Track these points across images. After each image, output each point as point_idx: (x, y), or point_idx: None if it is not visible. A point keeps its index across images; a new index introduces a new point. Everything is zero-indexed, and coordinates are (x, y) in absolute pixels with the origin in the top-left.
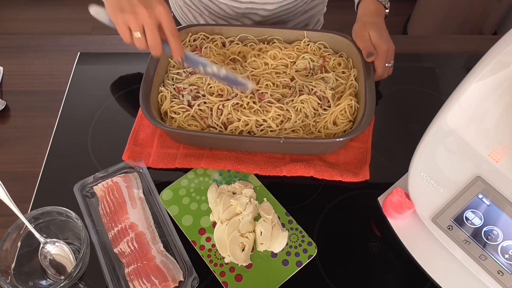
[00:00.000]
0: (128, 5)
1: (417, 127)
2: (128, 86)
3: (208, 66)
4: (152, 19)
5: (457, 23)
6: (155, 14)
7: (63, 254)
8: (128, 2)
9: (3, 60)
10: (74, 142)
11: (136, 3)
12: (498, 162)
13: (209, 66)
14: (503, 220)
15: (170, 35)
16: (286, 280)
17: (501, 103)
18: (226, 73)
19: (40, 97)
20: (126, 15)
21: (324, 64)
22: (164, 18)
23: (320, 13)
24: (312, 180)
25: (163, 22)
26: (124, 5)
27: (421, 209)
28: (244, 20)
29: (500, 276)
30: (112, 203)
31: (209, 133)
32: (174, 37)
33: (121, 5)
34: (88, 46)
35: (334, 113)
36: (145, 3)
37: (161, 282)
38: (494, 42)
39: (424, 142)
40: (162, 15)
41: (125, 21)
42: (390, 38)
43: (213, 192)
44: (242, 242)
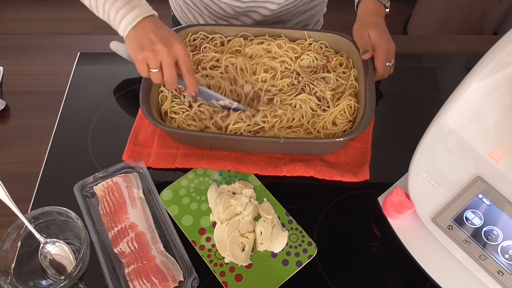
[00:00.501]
0: (148, 43)
1: (417, 127)
2: (128, 86)
3: (221, 100)
4: (170, 57)
5: (457, 23)
6: (173, 52)
7: (63, 254)
8: (149, 40)
9: (3, 60)
10: (74, 142)
11: (156, 41)
12: (498, 162)
13: (222, 100)
14: (503, 220)
15: (186, 72)
16: (286, 280)
17: (501, 103)
18: (237, 105)
19: (40, 97)
20: (146, 53)
21: (327, 64)
22: (181, 56)
23: (319, 13)
24: (312, 180)
25: (180, 60)
26: (144, 43)
27: (421, 209)
28: (244, 19)
29: (500, 276)
30: (112, 203)
31: (209, 133)
32: (190, 74)
33: (141, 43)
34: (88, 46)
35: (333, 114)
36: (164, 41)
37: (161, 282)
38: (494, 42)
39: (424, 142)
40: (180, 53)
41: (144, 58)
42: (390, 38)
43: (213, 192)
44: (242, 242)
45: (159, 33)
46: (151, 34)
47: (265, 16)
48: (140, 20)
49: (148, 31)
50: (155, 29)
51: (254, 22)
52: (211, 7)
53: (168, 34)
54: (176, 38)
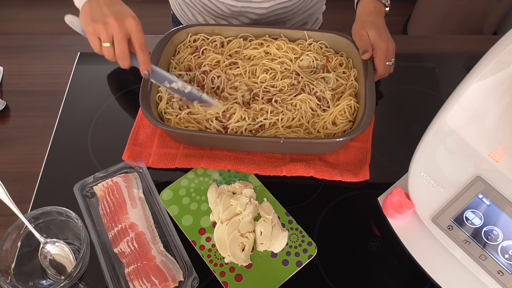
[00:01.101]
0: (100, 15)
1: (417, 127)
2: (128, 86)
3: (174, 82)
4: (122, 31)
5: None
6: (125, 27)
7: (63, 254)
8: (101, 13)
9: (3, 60)
10: (74, 142)
11: (108, 14)
12: (498, 162)
13: (174, 82)
14: (503, 220)
15: (139, 48)
16: (286, 280)
17: (501, 103)
18: (191, 90)
19: (40, 97)
20: (97, 25)
21: (327, 64)
22: (134, 31)
23: (319, 11)
24: (312, 180)
25: (133, 35)
26: (96, 15)
27: (421, 209)
28: (241, 18)
29: (500, 276)
30: (112, 203)
31: (209, 133)
32: (143, 50)
33: (93, 15)
34: (88, 46)
35: (333, 114)
36: (117, 14)
37: (161, 282)
38: (494, 42)
39: (424, 142)
40: (132, 28)
41: (96, 31)
42: (390, 37)
43: (213, 192)
44: (242, 242)
45: (113, 6)
46: (105, 8)
47: (261, 15)
48: None
49: (102, 5)
50: (109, 3)
51: (252, 21)
52: (208, 6)
53: (122, 8)
54: (129, 13)
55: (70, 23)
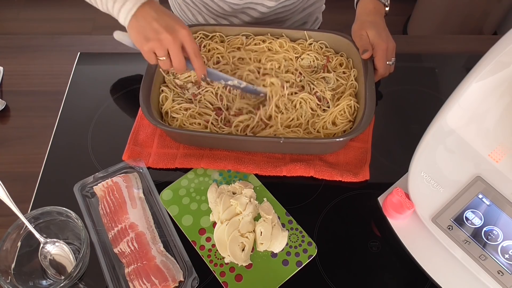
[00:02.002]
0: (152, 32)
1: (417, 127)
2: (128, 86)
3: (229, 80)
4: (176, 43)
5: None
6: (178, 38)
7: (63, 254)
8: (152, 30)
9: (3, 60)
10: (74, 142)
11: (160, 30)
12: (498, 162)
13: (230, 80)
14: (503, 220)
15: (193, 55)
16: (286, 280)
17: (501, 103)
18: (246, 85)
19: (40, 97)
20: (152, 43)
21: (327, 64)
22: (187, 40)
23: (318, 10)
24: (312, 180)
25: (186, 44)
26: (148, 34)
27: (421, 209)
28: (242, 16)
29: (500, 276)
30: (112, 203)
31: (209, 133)
32: (197, 57)
33: (146, 34)
34: (88, 46)
35: (333, 114)
36: (169, 28)
37: (161, 282)
38: (494, 42)
39: (424, 142)
40: (185, 38)
41: (151, 49)
42: (390, 36)
43: (213, 192)
44: (242, 242)
45: (162, 20)
46: (154, 23)
47: (263, 14)
48: (139, 7)
49: (151, 20)
50: (157, 16)
51: (252, 19)
52: (209, 5)
53: (171, 19)
54: (179, 23)
55: (119, 39)
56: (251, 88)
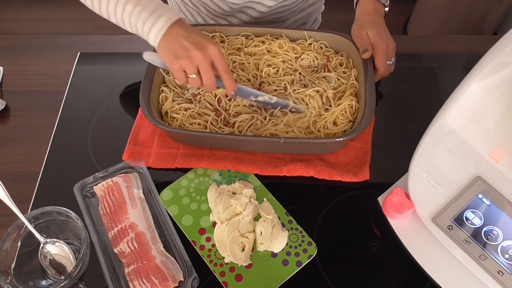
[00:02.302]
0: (182, 51)
1: (417, 127)
2: (128, 86)
3: (259, 96)
4: (207, 60)
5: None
6: (208, 55)
7: (63, 254)
8: (182, 48)
9: (3, 60)
10: (74, 142)
11: (190, 47)
12: (498, 162)
13: (260, 96)
14: (503, 220)
15: (224, 73)
16: (286, 280)
17: (501, 103)
18: (277, 100)
19: (40, 97)
20: (182, 61)
21: (327, 63)
22: (217, 57)
23: (317, 11)
24: (312, 180)
25: (216, 61)
26: (178, 52)
27: (421, 209)
28: (241, 16)
29: (500, 276)
30: (112, 203)
31: (209, 133)
32: (227, 74)
33: (176, 52)
34: (88, 46)
35: (334, 113)
36: (198, 45)
37: (161, 282)
38: (494, 42)
39: (424, 142)
40: (215, 54)
41: (182, 67)
42: (389, 36)
43: (213, 192)
44: (242, 242)
45: (191, 37)
46: (183, 41)
47: (263, 13)
48: (168, 27)
49: (180, 38)
50: (186, 35)
51: (252, 19)
52: (208, 5)
53: (199, 37)
54: (208, 40)
55: (149, 60)
56: (283, 103)
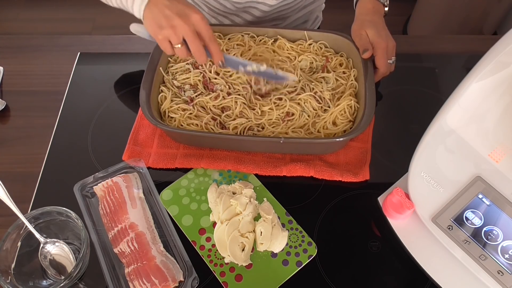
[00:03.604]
0: (165, 20)
1: (417, 127)
2: (128, 86)
3: (248, 65)
4: (191, 29)
5: (457, 23)
6: (191, 23)
7: (63, 254)
8: (165, 17)
9: (3, 60)
10: (74, 142)
11: (172, 16)
12: (498, 162)
13: (249, 65)
14: (503, 220)
15: (209, 41)
16: (286, 280)
17: (501, 103)
18: (266, 69)
19: (40, 97)
20: (166, 31)
21: (327, 64)
22: (201, 26)
23: (318, 9)
24: (312, 180)
25: (201, 29)
26: (161, 21)
27: (421, 209)
28: (243, 15)
29: (500, 276)
30: (112, 203)
31: (209, 133)
32: (213, 42)
33: (159, 22)
34: (88, 46)
35: (333, 114)
36: (181, 14)
37: (161, 282)
38: (494, 42)
39: (424, 142)
40: (199, 23)
41: (166, 36)
42: (389, 35)
43: (213, 192)
44: (242, 242)
45: (174, 6)
46: (166, 10)
47: (265, 12)
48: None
49: (163, 7)
50: (168, 3)
51: (254, 18)
52: (210, 4)
53: (182, 5)
54: (192, 8)
55: (135, 31)
56: (272, 72)
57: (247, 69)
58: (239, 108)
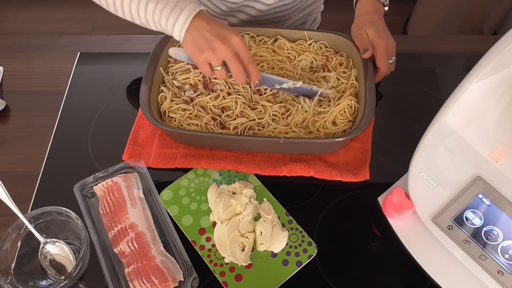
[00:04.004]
0: (206, 43)
1: (417, 127)
2: (128, 86)
3: (284, 83)
4: (231, 51)
5: (457, 23)
6: (231, 45)
7: (63, 254)
8: (205, 40)
9: (3, 60)
10: (74, 142)
11: (213, 39)
12: (498, 162)
13: (285, 83)
14: (503, 220)
15: (248, 62)
16: (286, 280)
17: (501, 103)
18: (301, 85)
19: (40, 97)
20: (206, 54)
21: (327, 63)
22: (240, 48)
23: (317, 11)
24: (312, 180)
25: (240, 52)
26: (202, 44)
27: (421, 209)
28: (240, 15)
29: (500, 276)
30: (112, 203)
31: (209, 133)
32: (251, 64)
33: (199, 46)
34: (88, 46)
35: (333, 113)
36: (221, 37)
37: (161, 282)
38: (494, 42)
39: (424, 142)
40: (238, 44)
41: (206, 60)
42: (389, 35)
43: (213, 192)
44: (242, 242)
45: (214, 30)
46: (207, 33)
47: (262, 11)
48: (191, 20)
49: (203, 31)
50: (209, 27)
51: (251, 18)
52: (206, 5)
53: (222, 28)
54: (231, 31)
55: (175, 55)
56: (307, 88)
57: (283, 87)
58: (240, 108)
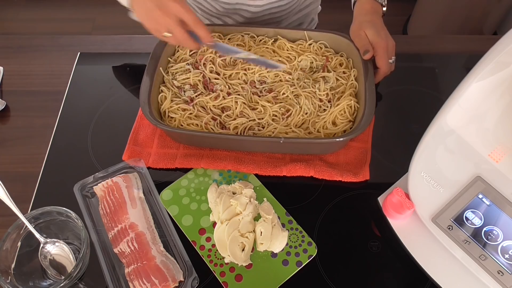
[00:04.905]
0: (149, 13)
1: (417, 127)
2: (128, 86)
3: (239, 53)
4: (172, 18)
5: (457, 23)
6: (171, 13)
7: (63, 254)
8: (148, 10)
9: (3, 60)
10: (74, 142)
11: (153, 8)
12: (498, 162)
13: (240, 52)
14: (503, 220)
15: (194, 25)
16: (286, 280)
17: (501, 103)
18: (257, 57)
19: (40, 97)
20: (149, 22)
21: (327, 63)
22: (181, 12)
23: (314, 12)
24: (312, 180)
25: (183, 17)
26: (146, 14)
27: (421, 209)
28: (235, 17)
29: (500, 276)
30: (112, 203)
31: (209, 133)
32: (198, 26)
33: (144, 15)
34: (88, 46)
35: (333, 114)
36: (160, 5)
37: (161, 282)
38: (494, 42)
39: (424, 142)
40: (178, 10)
41: (151, 27)
42: (388, 35)
43: (213, 192)
44: (242, 242)
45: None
46: (148, 2)
47: (255, 13)
48: None
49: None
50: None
51: (245, 19)
52: (203, 5)
53: None
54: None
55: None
56: (262, 60)
57: (240, 56)
58: (240, 108)
